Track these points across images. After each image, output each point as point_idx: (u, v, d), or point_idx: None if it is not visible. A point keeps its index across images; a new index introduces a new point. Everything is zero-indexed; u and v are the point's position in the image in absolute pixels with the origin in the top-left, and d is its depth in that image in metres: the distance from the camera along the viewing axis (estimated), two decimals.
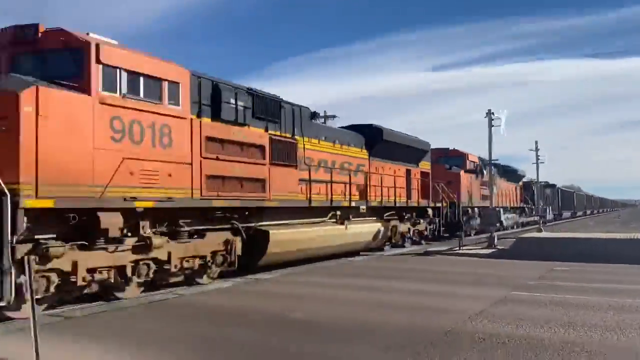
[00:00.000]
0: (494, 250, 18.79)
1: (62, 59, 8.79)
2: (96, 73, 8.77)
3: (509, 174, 37.87)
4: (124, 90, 9.23)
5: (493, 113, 21.30)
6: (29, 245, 7.82)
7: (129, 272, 9.37)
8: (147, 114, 9.60)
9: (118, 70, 9.14)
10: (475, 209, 28.52)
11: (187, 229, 10.64)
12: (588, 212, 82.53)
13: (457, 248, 19.12)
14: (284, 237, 13.11)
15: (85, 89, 8.64)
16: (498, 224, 21.05)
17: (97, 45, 8.82)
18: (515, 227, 36.57)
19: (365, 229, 17.50)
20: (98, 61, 8.78)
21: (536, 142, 33.76)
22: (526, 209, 41.54)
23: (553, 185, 56.35)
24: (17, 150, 7.63)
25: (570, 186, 70.42)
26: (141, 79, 9.57)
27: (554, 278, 12.07)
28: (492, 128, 21.39)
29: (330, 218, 15.81)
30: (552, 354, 5.81)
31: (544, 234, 22.27)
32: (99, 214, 8.62)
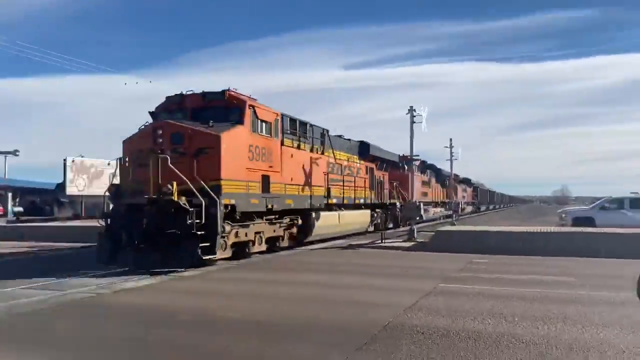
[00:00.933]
0: (414, 243, 18.99)
1: None
2: None
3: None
4: None
5: (415, 110, 21.63)
6: None
7: None
8: None
9: None
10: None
11: None
12: (497, 207, 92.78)
13: (379, 241, 19.28)
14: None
15: None
16: (418, 217, 22.44)
17: None
18: (441, 219, 39.08)
19: None
20: None
21: (450, 140, 33.33)
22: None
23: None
24: None
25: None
26: None
27: (475, 270, 12.29)
28: (414, 125, 21.58)
29: None
30: (490, 346, 5.86)
31: (457, 228, 22.50)
32: None
